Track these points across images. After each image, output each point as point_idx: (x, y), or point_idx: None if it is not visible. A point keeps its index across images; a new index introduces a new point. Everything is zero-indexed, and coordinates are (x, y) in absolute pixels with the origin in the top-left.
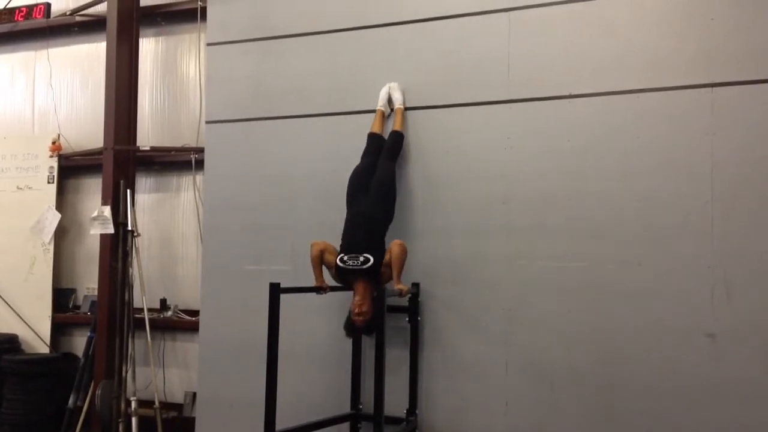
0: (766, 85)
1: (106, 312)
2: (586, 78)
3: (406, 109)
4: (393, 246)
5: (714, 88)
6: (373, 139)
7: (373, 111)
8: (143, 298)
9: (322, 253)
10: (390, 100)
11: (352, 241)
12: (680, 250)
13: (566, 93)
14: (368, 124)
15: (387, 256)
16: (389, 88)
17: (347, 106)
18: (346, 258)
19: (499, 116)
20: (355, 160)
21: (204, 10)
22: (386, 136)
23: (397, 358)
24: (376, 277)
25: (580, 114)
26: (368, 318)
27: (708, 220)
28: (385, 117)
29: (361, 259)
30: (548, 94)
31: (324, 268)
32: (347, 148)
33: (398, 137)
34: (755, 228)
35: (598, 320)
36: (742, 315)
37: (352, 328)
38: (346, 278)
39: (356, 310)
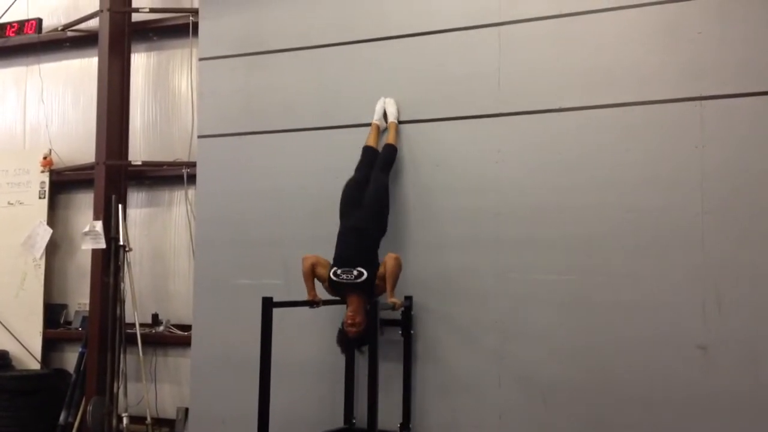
0: (754, 98)
1: (97, 327)
2: (575, 92)
3: (400, 122)
4: (388, 259)
5: (703, 102)
6: (367, 152)
7: (364, 125)
8: (135, 313)
9: (313, 267)
10: (385, 114)
11: (345, 254)
12: (671, 262)
13: (556, 107)
14: (358, 138)
15: (381, 269)
16: (384, 102)
17: (338, 120)
18: (339, 272)
19: (490, 129)
20: (346, 173)
21: (196, 25)
22: (380, 149)
23: (390, 371)
24: (369, 291)
25: (570, 127)
26: (361, 330)
27: (698, 233)
28: (380, 130)
29: (355, 273)
30: (538, 108)
31: (316, 281)
32: (338, 162)
33: (391, 150)
34: (746, 240)
35: (589, 333)
36: (733, 327)
37: (344, 341)
38: (339, 291)
39: (349, 321)
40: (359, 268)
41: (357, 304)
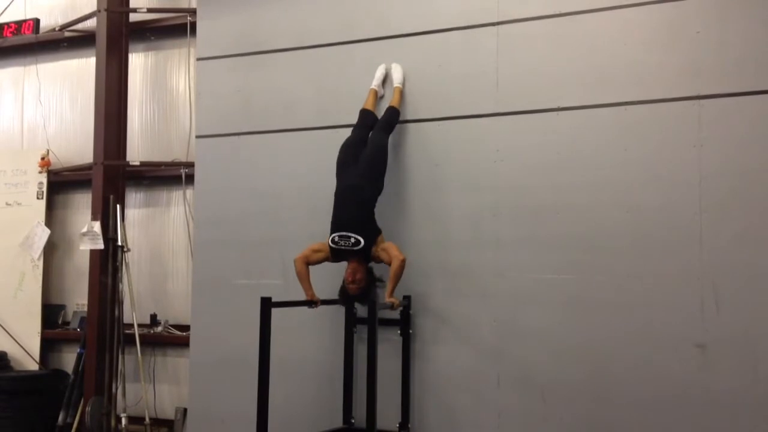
0: (753, 97)
1: (95, 328)
2: (573, 91)
3: (400, 122)
4: (394, 259)
5: (701, 101)
6: (365, 114)
7: None
8: (133, 313)
9: (307, 263)
10: (387, 79)
11: (342, 217)
12: (669, 261)
13: (554, 106)
14: None
15: (384, 256)
16: (386, 67)
17: (336, 119)
18: (337, 238)
19: (488, 129)
20: None
21: (193, 25)
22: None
23: (389, 371)
24: (367, 256)
25: (568, 127)
26: (362, 286)
27: (697, 232)
28: (378, 96)
29: (352, 240)
30: (536, 107)
31: (312, 281)
32: (335, 162)
33: (394, 113)
34: (744, 239)
35: (588, 332)
36: (731, 325)
37: (345, 296)
38: (339, 256)
39: (350, 279)
40: (356, 236)
41: (356, 265)
